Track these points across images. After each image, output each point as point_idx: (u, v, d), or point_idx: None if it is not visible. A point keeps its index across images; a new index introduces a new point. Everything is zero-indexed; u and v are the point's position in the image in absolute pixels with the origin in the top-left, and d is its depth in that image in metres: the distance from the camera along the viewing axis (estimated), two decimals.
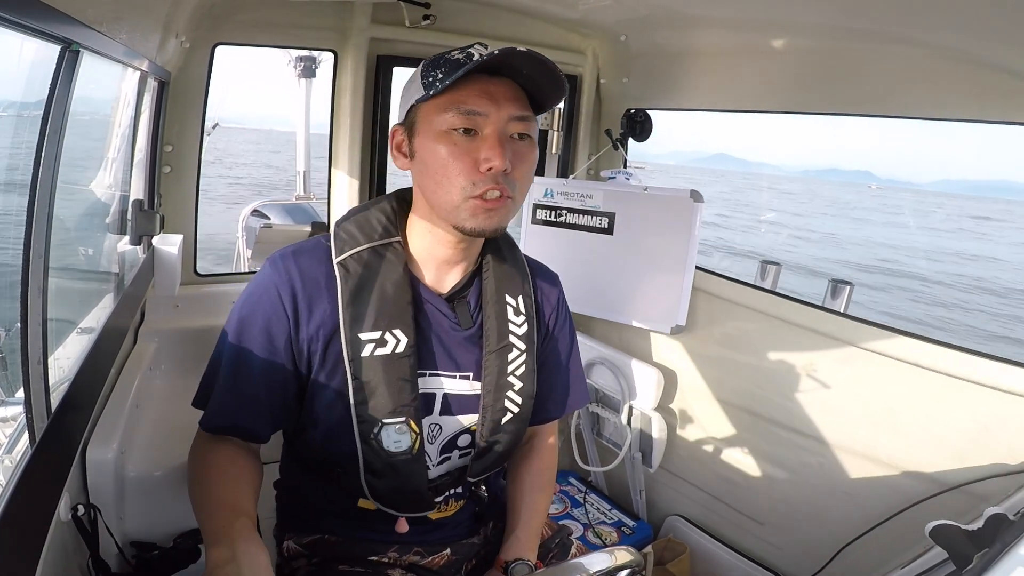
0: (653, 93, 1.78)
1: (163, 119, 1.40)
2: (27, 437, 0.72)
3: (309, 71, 5.04)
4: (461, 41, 1.59)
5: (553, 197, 1.71)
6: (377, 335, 0.79)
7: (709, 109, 1.71)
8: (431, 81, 0.74)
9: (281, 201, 5.34)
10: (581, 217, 1.69)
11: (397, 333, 0.80)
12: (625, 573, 0.75)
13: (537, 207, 1.74)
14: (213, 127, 4.76)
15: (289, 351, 0.80)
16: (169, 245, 1.38)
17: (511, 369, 0.88)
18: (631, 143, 1.85)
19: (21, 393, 0.70)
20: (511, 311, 0.89)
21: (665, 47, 1.65)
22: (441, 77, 0.73)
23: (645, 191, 1.60)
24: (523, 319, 0.90)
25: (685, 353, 1.68)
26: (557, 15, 1.67)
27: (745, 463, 1.58)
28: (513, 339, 0.89)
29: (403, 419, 0.80)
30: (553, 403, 1.00)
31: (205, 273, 1.64)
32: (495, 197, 0.74)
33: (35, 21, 0.56)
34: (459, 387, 0.88)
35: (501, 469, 1.01)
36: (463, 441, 0.91)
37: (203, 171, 1.57)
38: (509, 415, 0.89)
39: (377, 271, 0.81)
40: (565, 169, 1.94)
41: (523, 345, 0.90)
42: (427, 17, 1.53)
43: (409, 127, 0.79)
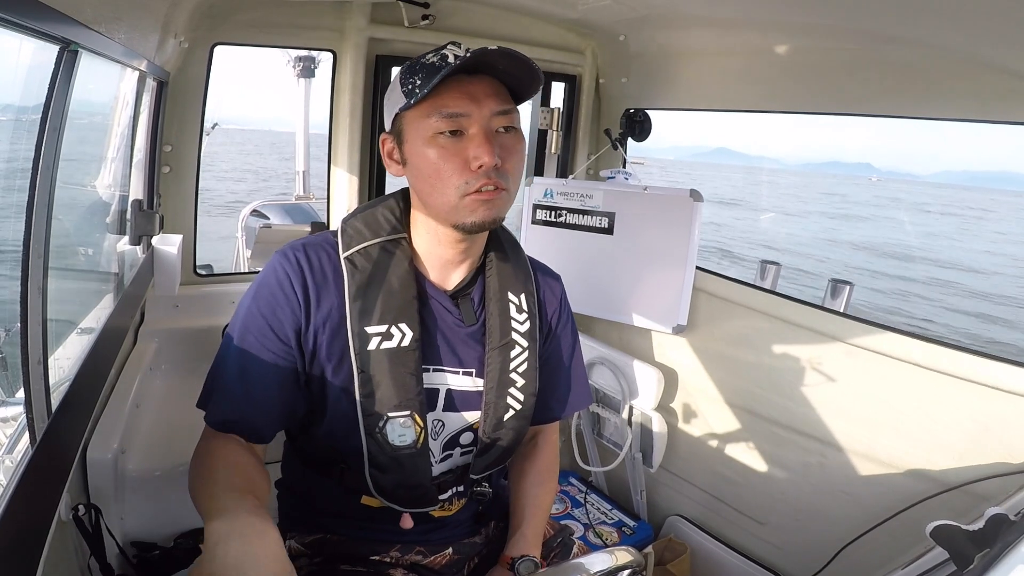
0: (652, 93, 1.78)
1: (162, 119, 1.40)
2: (27, 437, 0.72)
3: (308, 71, 5.06)
4: (460, 41, 1.61)
5: (553, 197, 1.71)
6: (383, 329, 0.80)
7: (708, 109, 1.71)
8: (411, 89, 0.76)
9: (281, 201, 5.36)
10: (581, 217, 1.69)
11: (403, 327, 0.81)
12: (626, 573, 0.75)
13: (537, 207, 1.74)
14: (212, 127, 4.76)
15: (297, 342, 0.80)
16: (168, 245, 1.38)
17: (513, 366, 0.89)
18: (630, 140, 1.85)
19: (21, 393, 0.70)
20: (513, 308, 0.90)
21: (664, 47, 1.65)
22: (420, 84, 0.74)
23: (645, 191, 1.60)
24: (525, 316, 0.91)
25: (685, 353, 1.68)
26: (556, 15, 1.67)
27: (746, 463, 1.58)
28: (515, 336, 0.90)
29: (408, 412, 0.81)
30: (556, 402, 1.00)
31: (205, 273, 1.64)
32: (490, 191, 0.76)
33: (34, 21, 0.56)
34: (462, 383, 0.89)
35: (503, 468, 1.01)
36: (465, 439, 0.91)
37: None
38: (511, 412, 0.90)
39: (384, 266, 0.82)
40: (564, 169, 1.94)
41: (525, 342, 0.90)
42: (426, 17, 1.53)
43: (397, 135, 0.81)
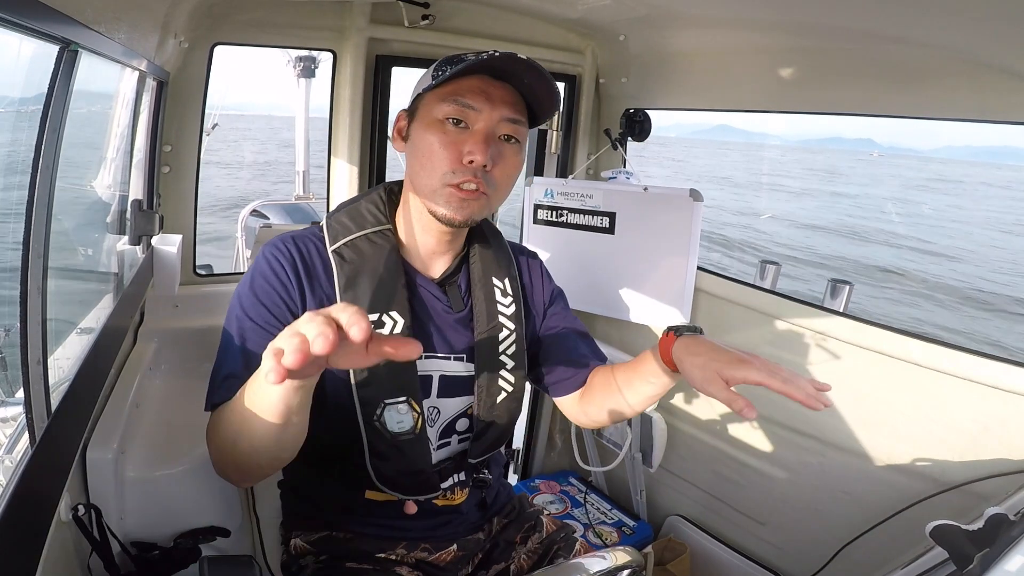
0: (652, 93, 1.78)
1: (162, 119, 1.40)
2: (27, 437, 0.72)
3: (308, 71, 5.05)
4: (460, 41, 1.62)
5: (553, 197, 1.71)
6: (375, 317, 0.82)
7: (708, 109, 1.71)
8: (440, 74, 0.79)
9: (280, 201, 5.36)
10: (582, 217, 1.69)
11: (394, 315, 0.83)
12: (626, 573, 0.75)
13: (538, 207, 1.74)
14: (212, 127, 4.76)
15: None
16: (168, 245, 1.38)
17: (502, 348, 0.92)
18: (629, 140, 1.85)
19: (21, 393, 0.70)
20: (499, 293, 0.93)
21: (664, 47, 1.65)
22: (449, 71, 0.77)
23: (645, 191, 1.60)
24: (511, 300, 0.94)
25: None
26: (556, 15, 1.67)
27: (745, 463, 1.58)
28: (502, 319, 0.92)
29: (404, 399, 0.83)
30: (592, 354, 1.01)
31: (205, 273, 1.63)
32: (471, 189, 0.79)
33: (34, 21, 0.56)
34: (454, 368, 0.90)
35: (500, 455, 1.03)
36: (461, 425, 0.93)
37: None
38: (504, 394, 0.91)
39: (371, 257, 0.84)
40: (564, 169, 1.93)
41: (512, 325, 0.93)
42: (426, 17, 1.53)
43: (411, 113, 0.84)
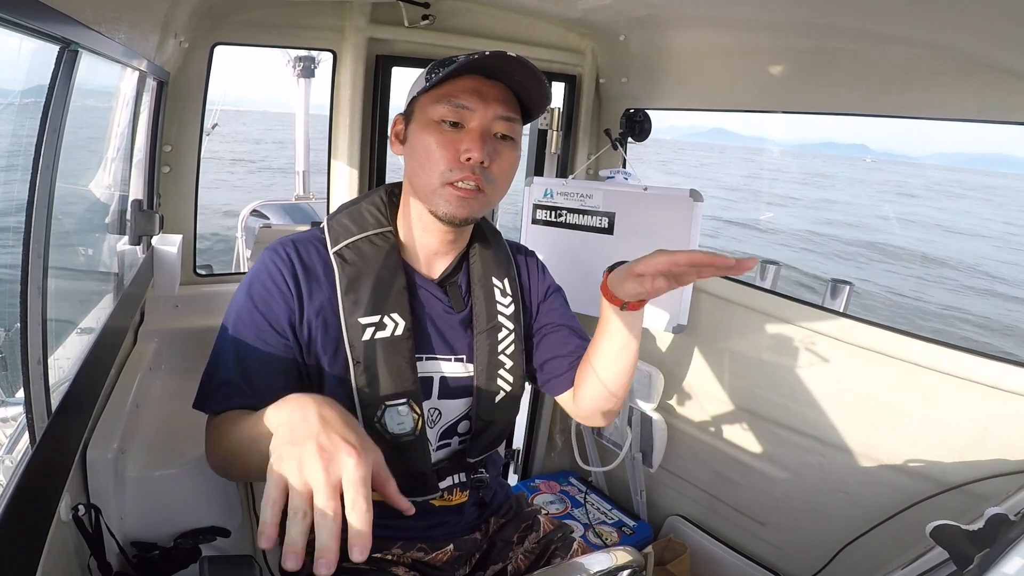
0: (652, 93, 1.78)
1: (162, 119, 1.40)
2: (27, 437, 0.72)
3: (308, 71, 5.06)
4: (460, 41, 1.62)
5: (553, 197, 1.71)
6: (376, 319, 0.82)
7: (708, 109, 1.71)
8: (433, 76, 0.80)
9: (280, 201, 5.36)
10: (581, 217, 1.69)
11: (395, 317, 0.83)
12: (626, 573, 0.75)
13: (537, 207, 1.74)
14: (212, 127, 4.77)
15: (293, 334, 0.81)
16: (168, 245, 1.38)
17: (501, 348, 0.92)
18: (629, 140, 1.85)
19: (21, 393, 0.70)
20: (498, 292, 0.93)
21: (664, 47, 1.65)
22: (441, 73, 0.78)
23: (645, 191, 1.60)
24: (510, 300, 0.94)
25: (685, 353, 1.68)
26: (556, 14, 1.67)
27: (745, 463, 1.58)
28: (502, 319, 0.92)
29: (405, 400, 0.83)
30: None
31: (205, 273, 1.64)
32: (470, 187, 0.79)
33: (34, 21, 0.56)
34: (455, 370, 0.90)
35: (497, 455, 1.03)
36: (463, 427, 0.93)
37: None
38: (502, 394, 0.92)
39: (372, 259, 0.84)
40: (564, 169, 1.93)
41: (511, 325, 0.93)
42: (426, 17, 1.53)
43: (408, 116, 0.85)
